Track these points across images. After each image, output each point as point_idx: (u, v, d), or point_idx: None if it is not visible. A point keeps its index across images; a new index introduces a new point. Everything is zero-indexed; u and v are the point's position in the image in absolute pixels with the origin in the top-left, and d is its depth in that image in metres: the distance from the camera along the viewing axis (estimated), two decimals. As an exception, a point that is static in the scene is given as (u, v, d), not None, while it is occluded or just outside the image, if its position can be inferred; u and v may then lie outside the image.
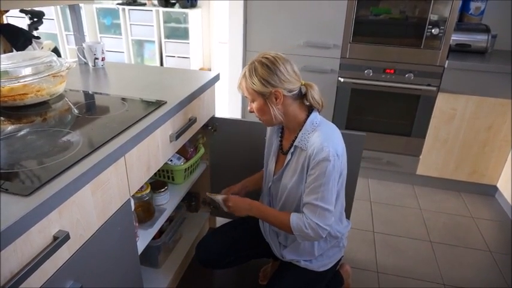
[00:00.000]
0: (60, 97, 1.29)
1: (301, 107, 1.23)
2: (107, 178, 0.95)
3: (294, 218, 1.19)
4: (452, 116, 2.25)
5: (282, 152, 1.33)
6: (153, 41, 4.66)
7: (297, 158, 1.23)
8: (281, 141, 1.34)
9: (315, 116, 1.23)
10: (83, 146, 0.95)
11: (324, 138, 1.16)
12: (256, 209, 1.30)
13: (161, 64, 4.78)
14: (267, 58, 1.17)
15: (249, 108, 1.26)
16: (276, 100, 1.18)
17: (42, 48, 2.06)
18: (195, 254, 1.50)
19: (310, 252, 1.33)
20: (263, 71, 1.16)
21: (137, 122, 1.12)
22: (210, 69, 4.98)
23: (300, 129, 1.22)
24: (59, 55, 2.51)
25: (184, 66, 4.62)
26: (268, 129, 1.41)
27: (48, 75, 1.20)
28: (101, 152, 0.93)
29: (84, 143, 0.97)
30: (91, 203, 0.90)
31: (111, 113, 1.18)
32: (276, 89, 1.16)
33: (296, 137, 1.23)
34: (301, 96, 1.23)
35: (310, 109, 1.24)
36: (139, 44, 4.78)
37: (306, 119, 1.22)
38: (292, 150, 1.25)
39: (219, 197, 1.35)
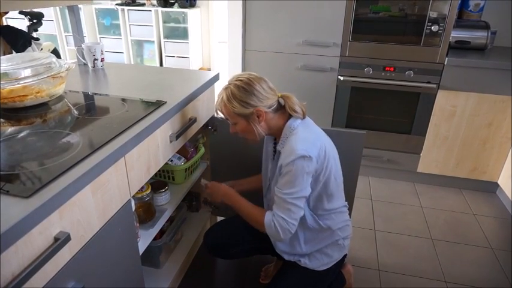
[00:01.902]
0: (60, 98, 1.29)
1: (282, 116, 1.27)
2: (107, 179, 0.95)
3: (268, 216, 1.21)
4: (453, 113, 2.25)
5: (274, 155, 1.36)
6: (153, 41, 4.66)
7: (280, 161, 1.25)
8: (275, 146, 1.36)
9: (292, 121, 1.25)
10: (83, 147, 0.95)
11: (296, 141, 1.18)
12: (229, 198, 1.35)
13: (161, 64, 4.78)
14: (241, 80, 1.22)
15: (231, 130, 1.30)
16: (259, 118, 1.23)
17: (41, 49, 2.06)
18: (203, 241, 1.56)
19: (296, 243, 1.34)
20: (241, 94, 1.21)
21: (137, 122, 1.11)
22: (209, 69, 4.98)
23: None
24: (58, 56, 2.51)
25: (183, 66, 4.62)
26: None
27: (48, 76, 1.20)
28: (101, 152, 0.94)
29: (84, 144, 0.97)
30: (91, 203, 0.90)
31: (110, 114, 1.18)
32: (257, 108, 1.21)
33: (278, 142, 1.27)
34: (281, 107, 1.27)
35: (289, 115, 1.26)
36: (139, 44, 4.78)
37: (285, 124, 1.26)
38: (276, 154, 1.29)
39: (203, 181, 1.50)
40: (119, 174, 1.01)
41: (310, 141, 1.20)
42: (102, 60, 1.69)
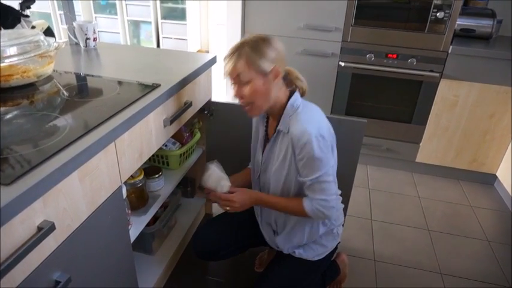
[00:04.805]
0: (48, 79, 1.23)
1: (284, 91, 1.19)
2: (96, 164, 0.91)
3: (307, 202, 1.17)
4: (455, 103, 2.20)
5: (268, 140, 1.28)
6: (150, 22, 4.54)
7: (280, 143, 1.19)
8: (266, 130, 1.30)
9: (295, 98, 1.19)
10: (70, 131, 0.90)
11: (304, 121, 1.13)
12: (260, 201, 1.25)
13: (158, 45, 4.67)
14: (261, 36, 1.13)
15: (234, 93, 1.15)
16: (275, 80, 1.13)
17: (32, 27, 1.98)
18: (191, 246, 1.47)
19: (300, 237, 1.30)
20: (264, 47, 1.10)
21: (129, 105, 1.06)
22: (207, 52, 4.88)
23: (282, 114, 1.18)
24: (52, 35, 2.42)
25: (181, 48, 4.51)
26: (254, 120, 1.36)
27: (35, 55, 1.14)
28: (89, 137, 0.89)
29: (72, 127, 0.92)
30: (79, 191, 0.86)
31: (101, 96, 1.12)
32: (276, 66, 1.11)
33: (279, 122, 1.19)
34: (285, 80, 1.20)
35: (291, 93, 1.20)
36: (136, 25, 4.66)
37: (287, 102, 1.18)
38: (275, 135, 1.21)
39: (221, 187, 1.23)
40: (109, 160, 0.96)
41: (318, 120, 1.16)
42: (95, 39, 1.61)
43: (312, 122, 1.13)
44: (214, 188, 1.23)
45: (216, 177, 1.23)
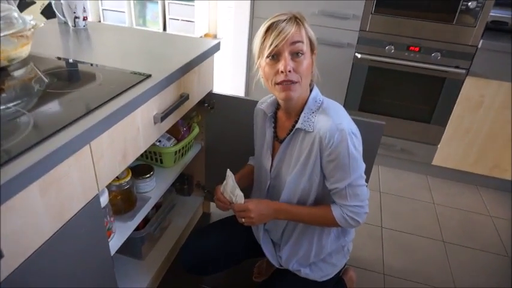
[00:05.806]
0: (23, 63, 1.07)
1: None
2: (64, 172, 0.75)
3: (337, 210, 1.03)
4: (479, 103, 2.01)
5: (278, 141, 1.11)
6: (156, 2, 4.34)
7: (300, 143, 1.03)
8: (275, 131, 1.13)
9: (316, 92, 1.06)
10: (33, 132, 0.74)
11: (335, 117, 0.99)
12: (282, 212, 1.08)
13: (164, 27, 4.48)
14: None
15: (288, 66, 0.93)
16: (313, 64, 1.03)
17: (35, 3, 1.82)
18: (179, 258, 1.31)
19: (308, 249, 1.15)
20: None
21: (111, 99, 0.90)
22: (215, 36, 4.67)
23: (302, 109, 1.03)
24: (52, 13, 2.25)
25: (188, 31, 4.31)
26: (259, 121, 1.18)
27: (7, 34, 0.98)
28: (56, 139, 0.73)
29: (36, 126, 0.76)
30: (40, 205, 0.71)
31: (80, 87, 0.96)
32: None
33: (297, 119, 1.03)
34: None
35: (311, 86, 1.06)
36: (142, 4, 4.45)
37: (309, 96, 1.04)
38: (291, 134, 1.04)
39: (237, 198, 1.09)
40: (82, 165, 0.81)
41: (345, 116, 1.03)
42: (85, 19, 1.45)
43: (343, 118, 1.00)
44: (229, 198, 1.10)
45: (231, 185, 1.10)
